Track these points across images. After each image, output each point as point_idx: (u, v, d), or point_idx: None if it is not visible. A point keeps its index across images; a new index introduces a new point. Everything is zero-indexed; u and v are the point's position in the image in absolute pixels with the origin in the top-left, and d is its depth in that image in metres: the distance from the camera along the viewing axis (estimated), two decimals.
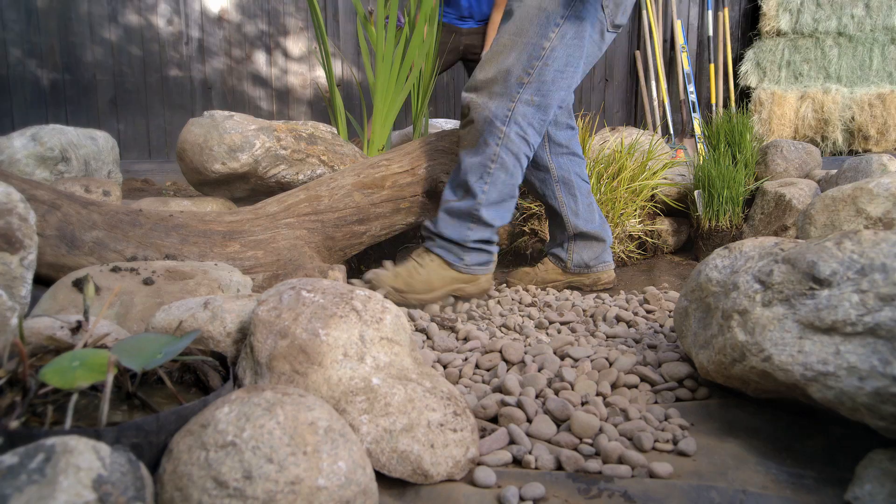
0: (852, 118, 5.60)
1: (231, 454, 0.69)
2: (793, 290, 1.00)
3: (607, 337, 1.56)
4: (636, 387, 1.24)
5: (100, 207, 1.59)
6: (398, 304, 1.77)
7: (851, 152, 5.57)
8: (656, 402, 1.19)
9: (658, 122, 5.79)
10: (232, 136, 2.19)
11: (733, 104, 5.93)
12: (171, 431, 0.76)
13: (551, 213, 2.07)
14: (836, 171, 2.86)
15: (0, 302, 0.88)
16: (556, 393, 1.18)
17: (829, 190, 1.92)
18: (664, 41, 5.98)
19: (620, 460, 0.96)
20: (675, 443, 1.02)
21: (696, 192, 2.62)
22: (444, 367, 1.36)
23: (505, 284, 2.15)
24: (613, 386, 1.24)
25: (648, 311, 1.78)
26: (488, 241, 1.83)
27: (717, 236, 2.59)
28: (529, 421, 1.08)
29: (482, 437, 1.03)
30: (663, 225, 2.69)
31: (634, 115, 5.86)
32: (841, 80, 5.77)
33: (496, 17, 4.10)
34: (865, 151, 5.54)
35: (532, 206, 2.60)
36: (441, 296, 1.83)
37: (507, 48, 1.73)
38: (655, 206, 2.72)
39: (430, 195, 2.04)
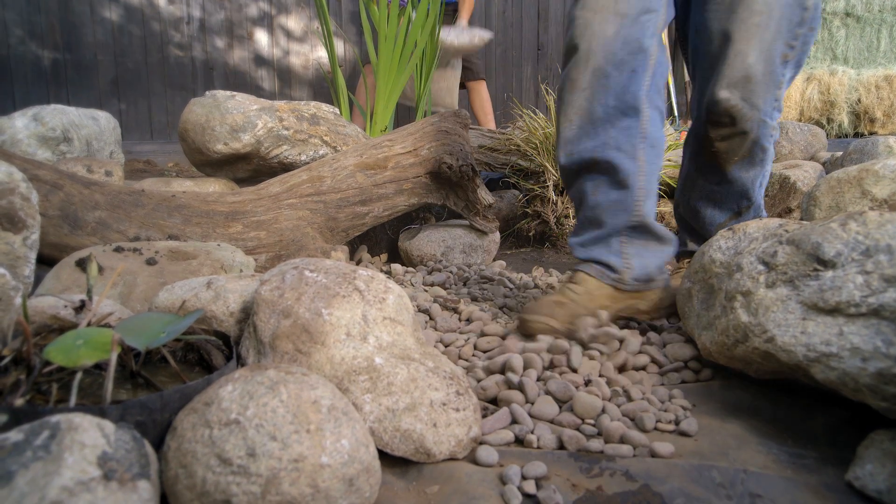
0: (858, 100, 5.55)
1: (235, 432, 0.70)
2: (797, 272, 0.99)
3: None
4: (644, 368, 1.25)
5: (102, 188, 1.59)
6: None
7: (857, 134, 5.53)
8: (663, 385, 1.19)
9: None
10: (234, 116, 2.18)
11: None
12: (175, 409, 0.76)
13: (609, 183, 1.37)
14: (841, 153, 2.84)
15: (4, 281, 0.88)
16: (559, 374, 1.18)
17: (835, 172, 1.91)
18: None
19: (622, 440, 0.96)
20: (677, 423, 1.03)
21: None
22: (447, 347, 1.36)
23: (517, 326, 1.37)
24: (619, 367, 1.24)
25: None
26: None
27: None
28: (531, 402, 1.08)
29: (484, 416, 1.03)
30: (668, 207, 2.68)
31: None
32: (847, 61, 5.72)
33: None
34: (871, 134, 5.50)
35: (535, 187, 2.58)
36: None
37: (762, 17, 1.34)
38: (660, 189, 2.70)
39: (432, 176, 2.03)
